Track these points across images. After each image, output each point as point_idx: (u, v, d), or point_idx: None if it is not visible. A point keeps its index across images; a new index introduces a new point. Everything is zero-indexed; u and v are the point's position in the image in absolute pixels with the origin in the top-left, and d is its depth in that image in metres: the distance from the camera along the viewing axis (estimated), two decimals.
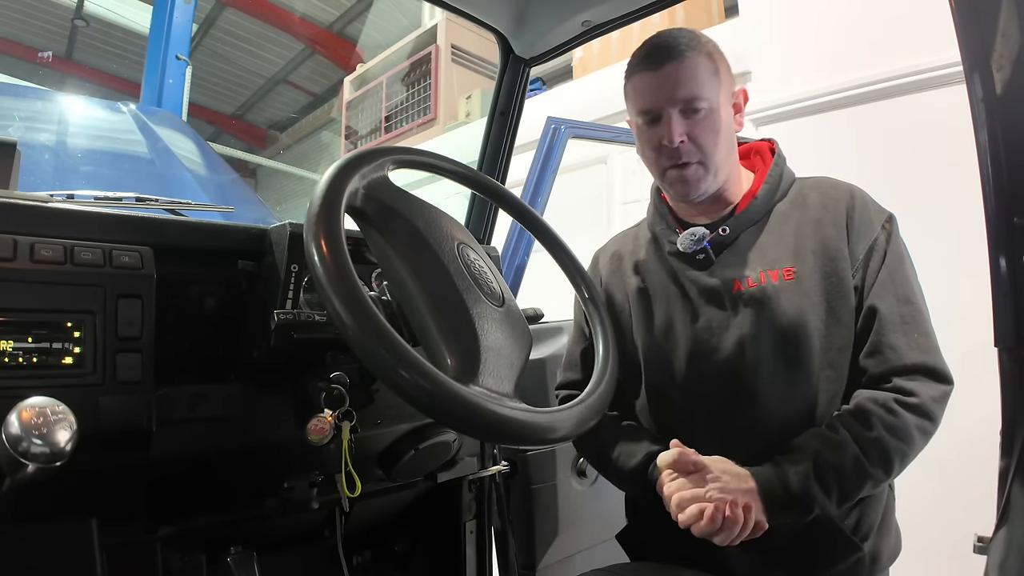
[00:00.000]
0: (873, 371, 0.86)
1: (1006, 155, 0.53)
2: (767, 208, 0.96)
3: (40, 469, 0.55)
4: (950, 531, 0.68)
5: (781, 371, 0.89)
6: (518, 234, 1.58)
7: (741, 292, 0.92)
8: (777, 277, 0.90)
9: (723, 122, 0.92)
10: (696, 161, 0.91)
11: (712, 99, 0.90)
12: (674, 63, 0.89)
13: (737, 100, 0.96)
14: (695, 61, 0.89)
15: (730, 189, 0.98)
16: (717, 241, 0.95)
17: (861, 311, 0.88)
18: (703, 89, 0.89)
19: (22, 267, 0.65)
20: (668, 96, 0.89)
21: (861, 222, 0.90)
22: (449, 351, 0.66)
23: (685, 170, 0.91)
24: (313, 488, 0.90)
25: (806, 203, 0.94)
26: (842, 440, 0.81)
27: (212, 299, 0.84)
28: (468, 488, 1.21)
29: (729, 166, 0.96)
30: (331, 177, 0.67)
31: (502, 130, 1.40)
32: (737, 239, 0.95)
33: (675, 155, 0.91)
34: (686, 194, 0.94)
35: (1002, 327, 0.55)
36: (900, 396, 0.83)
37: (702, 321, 0.95)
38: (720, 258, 0.95)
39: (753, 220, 0.95)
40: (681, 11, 3.14)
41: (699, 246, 0.95)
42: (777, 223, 0.94)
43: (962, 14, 0.55)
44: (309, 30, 6.74)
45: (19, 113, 1.94)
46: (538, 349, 1.40)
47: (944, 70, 1.96)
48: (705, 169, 0.92)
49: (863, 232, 0.90)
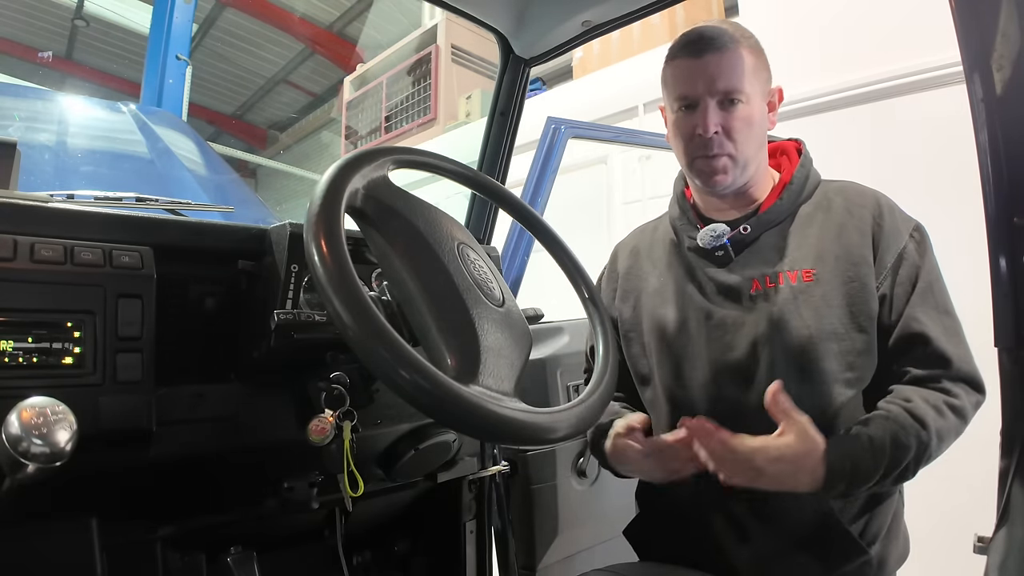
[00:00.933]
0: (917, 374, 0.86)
1: (1006, 155, 0.53)
2: (791, 210, 0.95)
3: (40, 469, 0.55)
4: (950, 531, 0.68)
5: (795, 373, 0.88)
6: (518, 234, 1.58)
7: (759, 291, 0.91)
8: (796, 279, 0.90)
9: (757, 118, 0.92)
10: (726, 153, 0.90)
11: (750, 93, 0.90)
12: (716, 53, 0.89)
13: (772, 98, 0.96)
14: (737, 53, 0.89)
15: (755, 187, 0.97)
16: (737, 239, 0.95)
17: (894, 320, 0.88)
18: (742, 82, 0.89)
19: (22, 267, 0.65)
20: (707, 85, 0.89)
21: (889, 230, 0.89)
22: (449, 351, 0.66)
23: (715, 161, 0.91)
24: (313, 488, 0.90)
25: (830, 207, 0.94)
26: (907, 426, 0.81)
27: (212, 299, 0.84)
28: (468, 488, 1.21)
29: (758, 163, 0.95)
30: (331, 177, 0.67)
31: (502, 130, 1.40)
32: (758, 239, 0.95)
33: (707, 145, 0.90)
34: (712, 186, 0.93)
35: (1002, 327, 0.55)
36: (948, 399, 0.83)
37: (716, 318, 0.94)
38: (740, 257, 0.95)
39: (775, 221, 0.95)
40: (681, 11, 3.13)
41: (719, 242, 0.95)
42: (800, 225, 0.94)
43: (962, 14, 0.55)
44: (309, 30, 6.74)
45: (19, 113, 1.94)
46: (538, 349, 1.40)
47: (944, 70, 1.96)
48: (734, 162, 0.91)
49: (891, 240, 0.89)
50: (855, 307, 0.88)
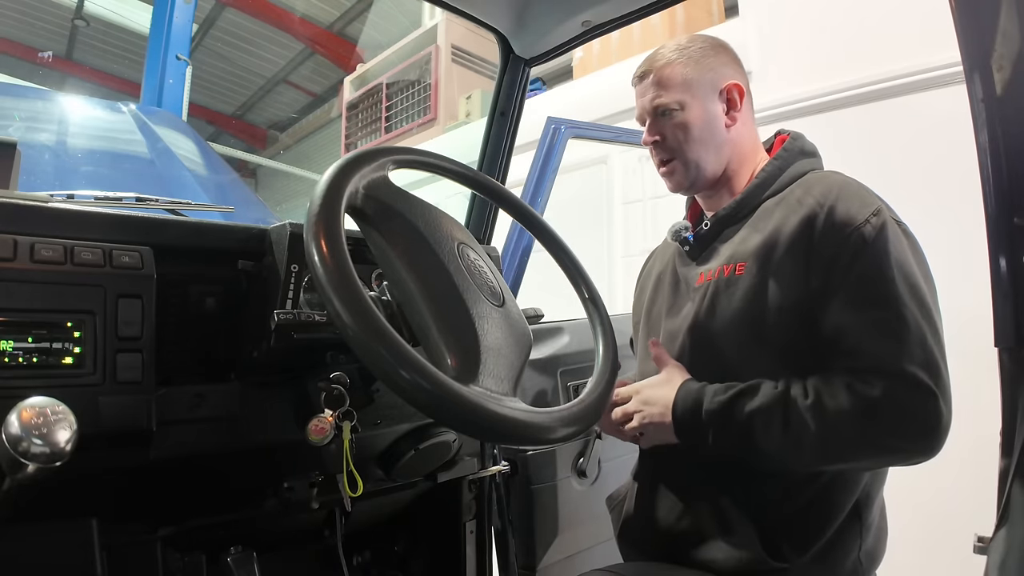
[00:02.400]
0: (835, 367, 0.81)
1: (1006, 155, 0.53)
2: (753, 204, 0.96)
3: (40, 469, 0.55)
4: (950, 531, 0.68)
5: (713, 364, 0.92)
6: (518, 234, 1.58)
7: (700, 285, 0.96)
8: (730, 271, 0.92)
9: (698, 121, 0.97)
10: (670, 159, 1.00)
11: (685, 101, 0.97)
12: (648, 77, 0.99)
13: (731, 96, 0.98)
14: (665, 72, 0.98)
15: (732, 183, 1.01)
16: (699, 235, 1.01)
17: (824, 313, 0.83)
18: (670, 95, 0.97)
19: (22, 267, 0.65)
20: (643, 106, 1.01)
21: (837, 218, 0.84)
22: (449, 351, 0.66)
23: (663, 168, 1.02)
24: (313, 488, 0.90)
25: (788, 198, 0.92)
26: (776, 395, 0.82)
27: (212, 299, 0.84)
28: (468, 488, 1.21)
29: (720, 160, 0.99)
30: (331, 177, 0.67)
31: (502, 130, 1.40)
32: (720, 234, 0.99)
33: (655, 155, 1.02)
34: (673, 188, 1.03)
35: (1002, 327, 0.55)
36: (854, 387, 0.78)
37: (673, 310, 1.02)
38: (704, 252, 1.00)
39: (737, 216, 0.97)
40: (681, 11, 3.13)
41: (679, 237, 1.03)
42: (758, 219, 0.94)
43: (962, 14, 0.55)
44: (309, 30, 6.74)
45: (19, 113, 1.94)
46: (538, 349, 1.40)
47: (944, 70, 1.96)
48: (684, 166, 0.99)
49: (837, 228, 0.83)
50: (777, 299, 0.85)
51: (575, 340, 1.48)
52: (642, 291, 1.16)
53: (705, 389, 0.88)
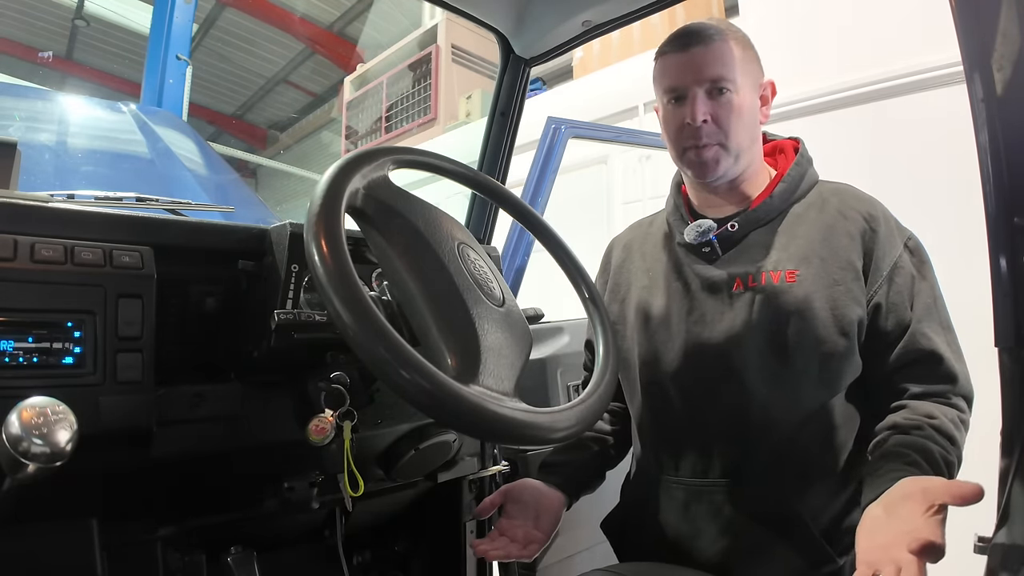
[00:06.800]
0: (924, 390, 0.85)
1: (1006, 155, 0.53)
2: (781, 208, 0.94)
3: (40, 469, 0.55)
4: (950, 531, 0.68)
5: (768, 373, 0.88)
6: (518, 234, 1.58)
7: (741, 290, 0.91)
8: (779, 279, 0.89)
9: (747, 108, 0.92)
10: (716, 143, 0.91)
11: (739, 83, 0.90)
12: (702, 45, 0.90)
13: (765, 92, 0.96)
14: (724, 45, 0.90)
15: (749, 182, 0.97)
16: (725, 236, 0.95)
17: (891, 330, 0.87)
18: (730, 71, 0.90)
19: (22, 267, 0.65)
20: (695, 76, 0.90)
21: (884, 237, 0.89)
22: (449, 351, 0.66)
23: (705, 151, 0.91)
24: (314, 488, 0.90)
25: (823, 208, 0.93)
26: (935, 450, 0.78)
27: (212, 299, 0.84)
28: (468, 488, 1.21)
29: (751, 155, 0.95)
30: (331, 177, 0.67)
31: (502, 130, 1.40)
32: (746, 236, 0.94)
33: (696, 135, 0.91)
34: (703, 176, 0.94)
35: (1002, 327, 0.55)
36: (960, 415, 0.84)
37: (696, 314, 0.94)
38: (727, 254, 0.95)
39: (764, 219, 0.94)
40: (681, 11, 3.13)
41: (704, 238, 0.94)
42: (790, 224, 0.93)
43: (962, 14, 0.55)
44: (309, 30, 6.74)
45: (19, 113, 1.94)
46: (538, 349, 1.40)
47: (944, 70, 1.96)
48: (726, 151, 0.91)
49: (886, 247, 0.88)
50: (837, 311, 0.86)
51: (575, 340, 1.48)
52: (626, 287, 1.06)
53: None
